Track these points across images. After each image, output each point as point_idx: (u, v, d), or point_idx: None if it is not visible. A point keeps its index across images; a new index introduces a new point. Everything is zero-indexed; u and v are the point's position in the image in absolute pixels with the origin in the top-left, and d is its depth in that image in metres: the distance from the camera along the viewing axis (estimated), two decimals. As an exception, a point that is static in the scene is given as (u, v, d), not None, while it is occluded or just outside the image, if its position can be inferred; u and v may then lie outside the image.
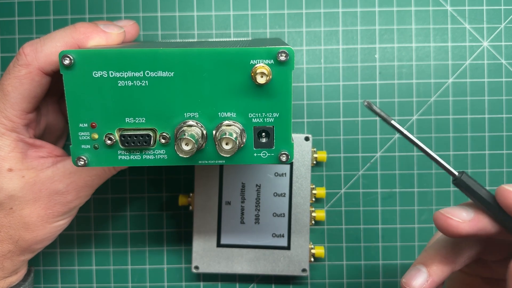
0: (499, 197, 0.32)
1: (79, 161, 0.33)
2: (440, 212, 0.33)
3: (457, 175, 0.33)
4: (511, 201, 0.31)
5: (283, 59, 0.32)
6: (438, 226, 0.33)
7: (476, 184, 0.33)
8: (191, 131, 0.32)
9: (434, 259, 0.35)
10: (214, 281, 0.51)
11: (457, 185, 0.33)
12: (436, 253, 0.35)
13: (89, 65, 0.32)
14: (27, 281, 0.43)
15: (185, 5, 0.49)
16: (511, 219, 0.32)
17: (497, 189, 0.32)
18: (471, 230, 0.33)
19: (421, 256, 0.36)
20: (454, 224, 0.33)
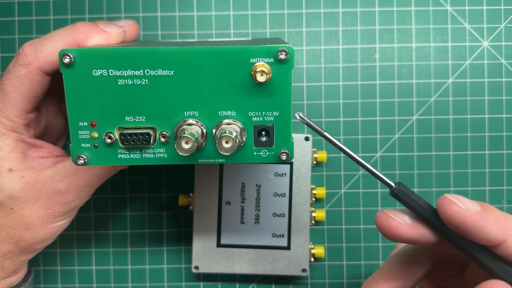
0: (439, 207, 0.31)
1: (79, 160, 0.33)
2: (382, 211, 0.33)
3: (394, 186, 0.33)
4: (449, 212, 0.30)
5: (283, 57, 0.32)
6: (378, 225, 0.33)
7: (413, 195, 0.32)
8: (191, 129, 0.32)
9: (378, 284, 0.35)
10: (214, 281, 0.51)
11: (394, 196, 0.33)
12: (380, 277, 0.35)
13: (89, 64, 0.32)
14: (27, 281, 0.43)
15: (185, 5, 0.49)
16: (449, 230, 0.31)
17: (439, 199, 0.31)
18: (411, 234, 0.32)
19: (367, 279, 0.36)
20: (394, 225, 0.32)
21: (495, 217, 0.30)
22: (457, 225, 0.30)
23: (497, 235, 0.30)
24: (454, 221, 0.30)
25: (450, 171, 0.49)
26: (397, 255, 0.37)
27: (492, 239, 0.30)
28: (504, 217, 0.31)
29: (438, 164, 0.49)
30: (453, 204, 0.30)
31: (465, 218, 0.30)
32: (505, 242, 0.30)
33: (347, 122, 0.49)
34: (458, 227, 0.30)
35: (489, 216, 0.30)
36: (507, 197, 0.49)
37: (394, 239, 0.32)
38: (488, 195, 0.49)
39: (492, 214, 0.31)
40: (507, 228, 0.30)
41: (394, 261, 0.36)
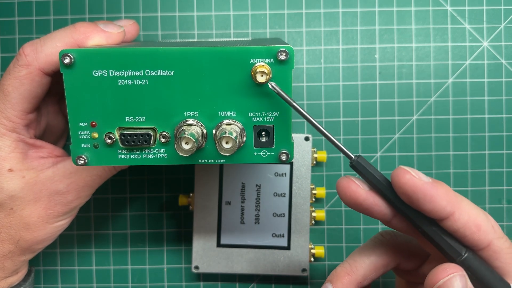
0: (394, 176, 0.32)
1: (79, 160, 0.33)
2: (344, 176, 0.34)
3: (353, 157, 0.33)
4: (402, 179, 0.31)
5: (283, 58, 0.32)
6: (338, 187, 0.34)
7: (371, 167, 0.33)
8: (191, 130, 0.32)
9: (339, 276, 0.37)
10: (214, 281, 0.51)
11: (353, 168, 0.34)
12: (342, 270, 0.37)
13: (89, 64, 0.32)
14: (28, 281, 0.43)
15: (185, 5, 0.49)
16: (401, 202, 0.33)
17: (394, 169, 0.32)
18: (367, 199, 0.33)
19: (331, 273, 0.38)
20: (353, 188, 0.33)
21: (445, 190, 0.32)
22: (408, 194, 0.31)
23: (446, 207, 0.31)
24: (406, 189, 0.31)
25: (450, 171, 0.49)
26: (358, 249, 0.39)
27: (441, 211, 0.31)
28: (454, 193, 0.32)
29: (438, 164, 0.49)
30: (407, 172, 0.32)
31: (417, 187, 0.31)
32: (453, 215, 0.32)
33: (347, 122, 0.49)
34: (409, 196, 0.31)
35: (439, 187, 0.32)
36: (507, 197, 0.49)
37: (351, 202, 0.34)
38: (488, 195, 0.49)
39: (443, 186, 0.32)
40: (455, 201, 0.32)
41: (356, 254, 0.38)
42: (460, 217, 0.32)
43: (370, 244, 0.39)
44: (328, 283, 0.37)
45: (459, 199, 0.32)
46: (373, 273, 0.37)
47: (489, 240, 0.32)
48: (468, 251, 0.32)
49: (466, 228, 0.32)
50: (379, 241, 0.39)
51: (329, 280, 0.37)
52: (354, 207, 0.34)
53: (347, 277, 0.37)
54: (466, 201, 0.32)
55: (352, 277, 0.37)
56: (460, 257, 0.32)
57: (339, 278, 0.37)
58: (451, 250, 0.32)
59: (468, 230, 0.32)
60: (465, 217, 0.32)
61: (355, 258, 0.38)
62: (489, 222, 0.33)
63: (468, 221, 0.32)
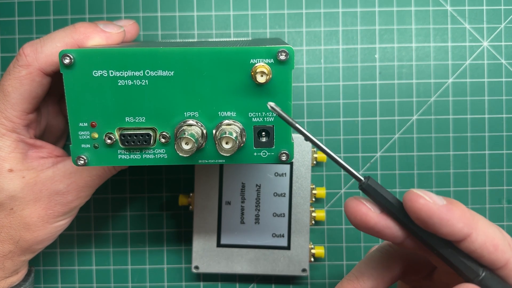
0: (406, 201, 0.31)
1: (79, 161, 0.33)
2: (353, 197, 0.33)
3: (363, 180, 0.32)
4: (416, 205, 0.30)
5: (283, 58, 0.32)
6: (347, 210, 0.33)
7: (382, 189, 0.32)
8: (191, 130, 0.32)
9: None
10: (214, 281, 0.51)
11: (363, 191, 0.32)
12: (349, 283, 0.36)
13: (89, 64, 0.32)
14: (28, 281, 0.43)
15: (185, 5, 0.49)
16: (415, 225, 0.31)
17: (405, 193, 0.31)
18: (378, 223, 0.32)
19: (337, 285, 0.36)
20: (363, 211, 0.32)
21: (460, 211, 0.31)
22: (424, 219, 0.30)
23: (463, 229, 0.30)
24: (421, 215, 0.30)
25: (450, 171, 0.49)
26: (365, 260, 0.37)
27: (458, 233, 0.30)
28: (470, 212, 0.31)
29: (438, 164, 0.49)
30: (420, 197, 0.30)
31: (431, 212, 0.30)
32: (470, 237, 0.31)
33: (347, 122, 0.49)
34: (424, 221, 0.30)
35: (455, 209, 0.31)
36: (507, 197, 0.49)
37: (361, 225, 0.32)
38: (488, 195, 0.49)
39: (458, 208, 0.31)
40: (472, 222, 0.31)
41: (362, 266, 0.37)
42: (478, 237, 0.31)
43: (377, 254, 0.37)
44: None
45: (476, 219, 0.31)
46: (381, 285, 0.36)
47: (506, 259, 0.31)
48: (485, 271, 0.31)
49: (483, 249, 0.31)
50: (386, 251, 0.37)
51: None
52: (364, 230, 0.33)
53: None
54: (482, 220, 0.31)
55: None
56: (478, 277, 0.31)
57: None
58: (469, 270, 0.31)
59: (485, 251, 0.31)
60: (482, 237, 0.31)
61: (362, 270, 0.36)
62: (506, 240, 0.32)
63: (485, 242, 0.31)
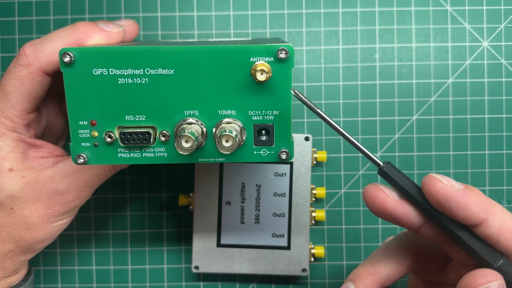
0: (425, 184, 0.32)
1: (79, 159, 0.33)
2: (372, 183, 0.34)
3: (382, 165, 0.33)
4: (434, 188, 0.31)
5: (283, 56, 0.32)
6: (366, 196, 0.33)
7: (400, 175, 0.33)
8: (191, 128, 0.32)
9: (362, 276, 0.36)
10: (214, 281, 0.50)
11: (382, 175, 0.33)
12: (365, 270, 0.36)
13: (89, 63, 0.32)
14: (28, 281, 0.43)
15: (185, 5, 0.49)
16: (433, 209, 0.32)
17: (424, 177, 0.32)
18: (396, 209, 0.33)
19: (352, 272, 0.37)
20: (382, 197, 0.33)
21: (477, 196, 0.31)
22: (441, 202, 0.31)
23: (479, 213, 0.31)
24: (439, 198, 0.31)
25: (450, 171, 0.49)
26: (381, 249, 0.38)
27: (474, 217, 0.31)
28: (486, 198, 0.32)
29: (438, 164, 0.49)
30: (438, 181, 0.31)
31: (449, 195, 0.31)
32: (486, 222, 0.31)
33: (347, 122, 0.49)
34: (442, 204, 0.31)
35: (472, 194, 0.31)
36: (507, 197, 0.49)
37: (379, 211, 0.33)
38: (488, 195, 0.49)
39: (475, 193, 0.31)
40: (488, 207, 0.31)
41: (379, 254, 0.37)
42: (494, 223, 0.31)
43: (393, 244, 0.38)
44: (349, 282, 0.36)
45: (492, 205, 0.32)
46: (396, 274, 0.36)
47: None
48: (502, 257, 0.32)
49: (499, 234, 0.31)
50: (403, 241, 0.37)
51: (351, 279, 0.36)
52: (382, 216, 0.33)
53: (370, 277, 0.36)
54: (498, 207, 0.32)
55: (375, 278, 0.36)
56: (496, 263, 0.32)
57: (361, 278, 0.36)
58: (487, 255, 0.32)
59: (501, 236, 0.31)
60: (499, 223, 0.31)
61: (378, 258, 0.37)
62: None
63: (501, 227, 0.31)
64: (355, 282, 0.36)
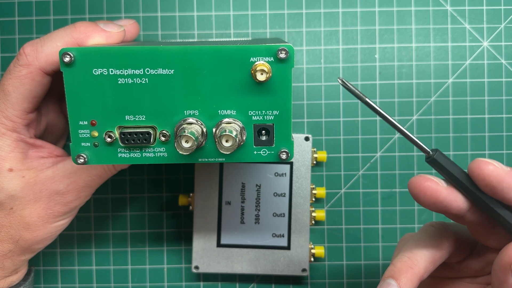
0: (475, 169, 0.31)
1: (78, 159, 0.33)
2: (417, 175, 0.33)
3: (431, 153, 0.33)
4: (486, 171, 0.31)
5: (283, 56, 0.32)
6: (414, 189, 0.33)
7: (449, 162, 0.33)
8: (191, 128, 0.32)
9: (402, 271, 0.35)
10: (214, 281, 0.50)
11: (430, 163, 0.33)
12: (403, 264, 0.35)
13: (89, 63, 0.32)
14: (28, 281, 0.43)
15: (185, 5, 0.49)
16: (482, 193, 0.32)
17: (472, 161, 0.32)
18: (448, 197, 0.32)
19: (389, 269, 0.35)
20: (433, 187, 0.32)
21: None
22: (493, 184, 0.31)
23: None
24: (491, 180, 0.31)
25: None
26: (413, 242, 0.36)
27: None
28: None
29: (438, 164, 0.49)
30: (489, 163, 0.31)
31: (501, 177, 0.31)
32: None
33: (347, 122, 0.49)
34: (494, 186, 0.31)
35: None
36: (507, 197, 0.49)
37: (430, 202, 0.33)
38: (488, 195, 0.49)
39: None
40: None
41: (412, 247, 0.36)
42: None
43: (424, 235, 0.36)
44: (390, 279, 0.34)
45: None
46: (432, 265, 0.35)
47: None
48: None
49: None
50: (432, 232, 0.36)
51: (390, 276, 0.34)
52: (433, 206, 0.33)
53: (411, 271, 0.34)
54: None
55: (415, 270, 0.34)
56: None
57: (402, 273, 0.34)
58: None
59: None
60: None
61: (413, 251, 0.35)
62: None
63: None
64: (397, 278, 0.34)
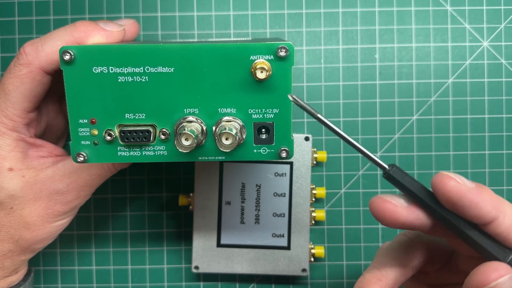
0: (436, 183, 0.31)
1: (78, 157, 0.34)
2: (377, 196, 0.32)
3: (387, 168, 0.32)
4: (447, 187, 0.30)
5: (283, 54, 0.32)
6: (374, 210, 0.32)
7: (407, 177, 0.32)
8: (191, 126, 0.32)
9: (370, 283, 0.35)
10: (214, 281, 0.50)
11: (388, 178, 0.32)
12: (372, 276, 0.35)
13: (89, 61, 0.32)
14: (27, 281, 0.43)
15: (185, 5, 0.49)
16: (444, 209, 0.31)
17: (435, 175, 0.31)
18: (408, 217, 0.32)
19: (359, 280, 0.36)
20: (391, 208, 0.32)
21: (489, 195, 0.31)
22: (454, 201, 0.30)
23: (491, 212, 0.31)
24: (452, 197, 0.30)
25: (450, 171, 0.49)
26: (384, 252, 0.37)
27: (486, 215, 0.31)
28: (497, 196, 0.32)
29: (438, 164, 0.49)
30: (451, 179, 0.30)
31: (462, 194, 0.30)
32: (497, 220, 0.31)
33: (347, 122, 0.49)
34: (454, 203, 0.30)
35: (484, 192, 0.31)
36: (507, 197, 0.49)
37: (391, 223, 0.32)
38: (488, 195, 0.49)
39: (487, 191, 0.31)
40: (499, 205, 0.31)
41: (382, 258, 0.36)
42: (504, 220, 0.31)
43: (395, 245, 0.37)
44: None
45: (502, 203, 0.31)
46: (403, 277, 0.35)
47: None
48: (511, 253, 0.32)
49: (509, 232, 0.31)
50: (405, 241, 0.36)
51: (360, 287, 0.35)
52: (394, 227, 0.32)
53: (379, 282, 0.34)
54: (507, 204, 0.32)
55: (384, 282, 0.35)
56: (506, 259, 0.31)
57: (370, 285, 0.34)
58: (497, 252, 0.31)
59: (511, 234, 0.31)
60: (509, 220, 0.31)
61: (383, 261, 0.36)
62: None
63: (511, 224, 0.31)
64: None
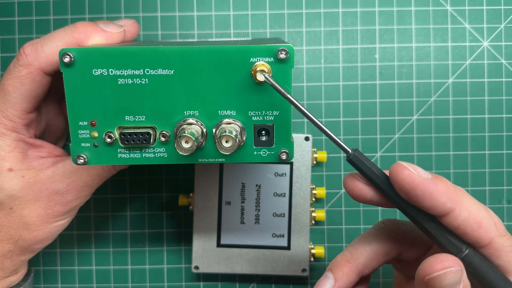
0: (391, 172, 0.31)
1: (78, 159, 0.33)
2: (350, 173, 0.34)
3: (350, 152, 0.33)
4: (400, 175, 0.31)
5: (283, 57, 0.32)
6: (345, 187, 0.34)
7: (369, 162, 0.33)
8: (191, 129, 0.32)
9: (340, 264, 0.36)
10: (214, 281, 0.50)
11: (350, 162, 0.33)
12: (342, 258, 0.36)
13: (89, 63, 0.32)
14: (27, 281, 0.43)
15: (185, 5, 0.49)
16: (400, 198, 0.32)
17: (392, 164, 0.32)
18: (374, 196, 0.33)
19: (331, 262, 0.37)
20: (359, 186, 0.33)
21: (445, 186, 0.31)
22: (407, 190, 0.31)
23: (446, 203, 0.31)
24: (405, 186, 0.31)
25: (450, 171, 0.49)
26: (359, 237, 0.38)
27: (440, 207, 0.31)
28: (455, 188, 0.32)
29: (438, 164, 0.49)
30: (405, 168, 0.31)
31: (415, 183, 0.31)
32: (453, 212, 0.31)
33: (347, 122, 0.49)
34: (408, 192, 0.31)
35: (439, 183, 0.31)
36: (507, 197, 0.49)
37: (359, 199, 0.34)
38: (488, 195, 0.49)
39: (443, 182, 0.31)
40: (456, 198, 0.31)
41: (356, 242, 0.37)
42: (461, 213, 0.31)
43: (371, 232, 0.38)
44: (328, 271, 0.36)
45: (460, 195, 0.31)
46: (374, 262, 0.36)
47: (490, 238, 0.31)
48: (468, 248, 0.32)
49: (466, 225, 0.31)
50: (381, 228, 0.38)
51: (329, 268, 0.36)
52: (364, 202, 0.34)
53: (348, 265, 0.36)
54: (467, 197, 0.32)
55: (353, 265, 0.36)
56: (461, 254, 0.31)
57: (339, 266, 0.36)
58: (452, 246, 0.32)
59: (468, 227, 0.31)
60: (466, 214, 0.31)
61: (356, 246, 0.37)
62: (491, 219, 0.32)
63: (468, 218, 0.31)
64: (333, 271, 0.36)
